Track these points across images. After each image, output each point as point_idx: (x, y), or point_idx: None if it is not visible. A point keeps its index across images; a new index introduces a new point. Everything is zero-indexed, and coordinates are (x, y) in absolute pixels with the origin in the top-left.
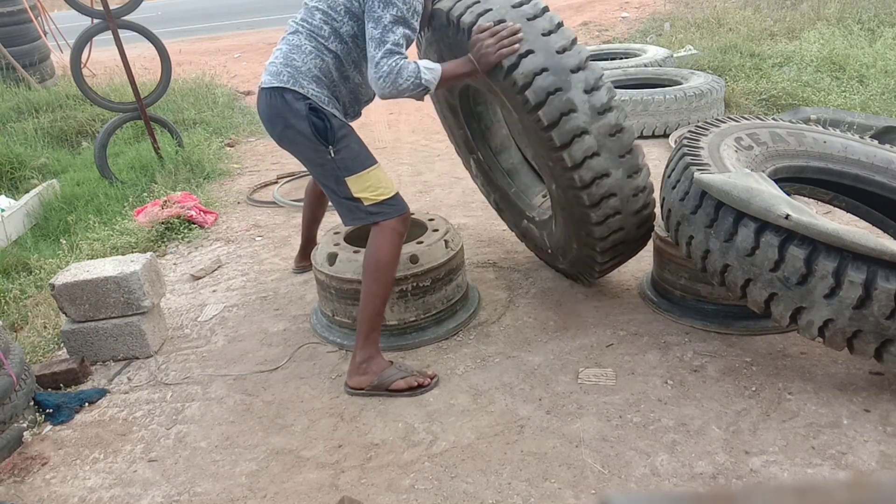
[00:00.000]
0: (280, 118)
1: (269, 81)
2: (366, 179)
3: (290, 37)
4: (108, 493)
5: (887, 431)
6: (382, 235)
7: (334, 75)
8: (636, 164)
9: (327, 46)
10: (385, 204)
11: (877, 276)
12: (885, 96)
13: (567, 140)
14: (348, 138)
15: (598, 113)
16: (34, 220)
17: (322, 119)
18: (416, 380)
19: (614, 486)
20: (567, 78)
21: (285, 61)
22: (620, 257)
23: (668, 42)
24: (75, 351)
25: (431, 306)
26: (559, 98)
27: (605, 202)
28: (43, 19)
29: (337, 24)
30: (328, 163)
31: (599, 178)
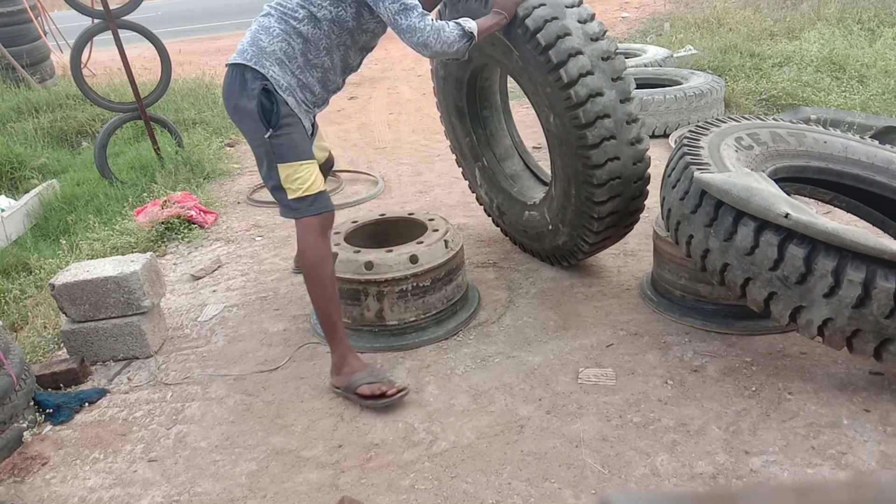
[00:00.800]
0: (236, 94)
1: (234, 58)
2: (295, 170)
3: (262, 19)
4: (108, 493)
5: (887, 431)
6: (302, 235)
7: (299, 60)
8: (628, 90)
9: (298, 30)
10: (306, 201)
11: (876, 275)
12: (885, 96)
13: (563, 58)
14: (291, 127)
15: (592, 39)
16: (34, 220)
17: (271, 102)
18: (380, 388)
19: (614, 486)
20: (562, 10)
21: (252, 40)
22: (617, 200)
23: (668, 42)
24: (75, 351)
25: (431, 306)
26: (555, 24)
27: (600, 122)
28: (43, 19)
29: (314, 7)
30: (265, 144)
31: (594, 95)
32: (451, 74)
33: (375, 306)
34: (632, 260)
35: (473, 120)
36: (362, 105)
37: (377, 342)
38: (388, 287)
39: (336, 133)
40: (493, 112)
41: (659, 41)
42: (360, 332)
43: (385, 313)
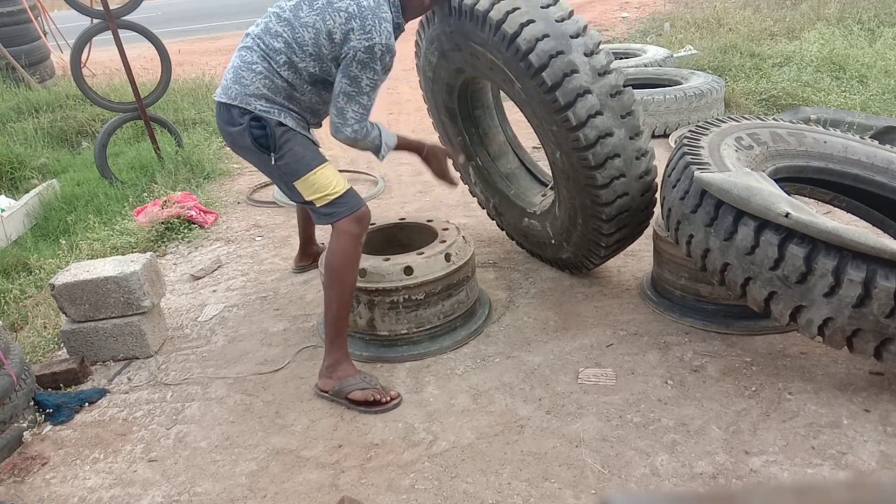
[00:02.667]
0: (227, 131)
1: (220, 95)
2: (312, 181)
3: (244, 52)
4: (108, 493)
5: (887, 431)
6: (336, 238)
7: (283, 94)
8: (637, 125)
9: (279, 72)
10: (335, 204)
11: (876, 274)
12: (885, 96)
13: (571, 99)
14: (291, 142)
15: (599, 74)
16: (34, 220)
17: (262, 127)
18: (373, 395)
19: (614, 486)
20: (567, 42)
21: (235, 78)
22: (625, 229)
23: (668, 42)
24: (75, 351)
25: (425, 321)
26: (561, 60)
27: (610, 162)
28: (43, 19)
29: (296, 58)
30: (275, 169)
31: (603, 137)
32: (441, 79)
33: (367, 314)
34: (632, 260)
35: (465, 120)
36: None
37: (367, 350)
38: (378, 297)
39: None
40: (486, 110)
41: (659, 41)
42: (352, 338)
43: (376, 323)
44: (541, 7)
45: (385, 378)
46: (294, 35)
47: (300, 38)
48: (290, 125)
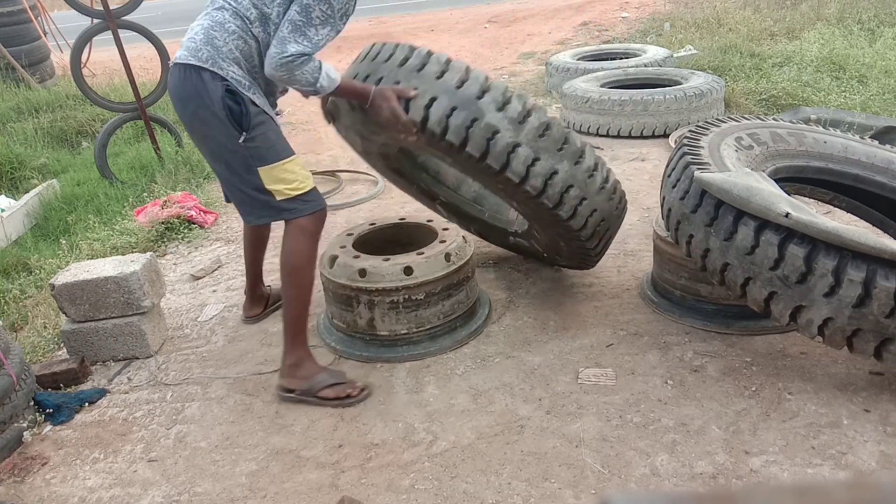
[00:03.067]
0: (194, 98)
1: (186, 57)
2: (280, 171)
3: (215, 12)
4: (108, 493)
5: (887, 431)
6: (294, 237)
7: (255, 60)
8: (576, 149)
9: (251, 31)
10: (299, 199)
11: (876, 274)
12: (885, 96)
13: (504, 160)
14: (264, 126)
15: (520, 122)
16: (34, 220)
17: (239, 103)
18: (343, 390)
19: (614, 486)
20: (476, 106)
21: (206, 38)
22: (608, 233)
23: (668, 42)
24: (75, 351)
25: (425, 321)
26: (478, 127)
27: (566, 196)
28: (43, 19)
29: (267, 8)
30: (240, 149)
31: (549, 178)
32: (372, 152)
33: (367, 315)
34: (632, 260)
35: (412, 169)
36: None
37: (367, 350)
38: (378, 297)
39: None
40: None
41: (659, 41)
42: (352, 338)
43: (376, 323)
44: (436, 79)
45: (385, 378)
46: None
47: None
48: (262, 107)
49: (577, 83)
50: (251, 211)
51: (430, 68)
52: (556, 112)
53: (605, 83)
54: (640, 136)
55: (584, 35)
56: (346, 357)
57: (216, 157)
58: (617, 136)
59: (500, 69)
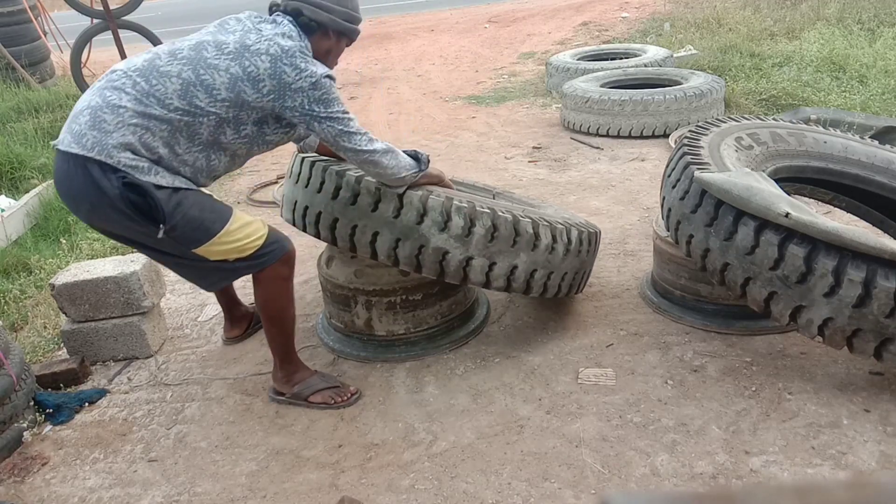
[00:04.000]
0: (85, 197)
1: (69, 143)
2: (219, 244)
3: (109, 92)
4: (108, 493)
5: (887, 431)
6: (265, 286)
7: (158, 151)
8: (530, 237)
9: (167, 118)
10: (256, 256)
11: (876, 274)
12: (885, 96)
13: (461, 275)
14: (182, 206)
15: (466, 237)
16: (34, 220)
17: (142, 195)
18: (332, 396)
19: (614, 486)
20: (418, 233)
21: (92, 121)
22: (585, 274)
23: (668, 42)
24: (75, 351)
25: (423, 321)
26: (426, 253)
27: (532, 281)
28: (43, 19)
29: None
30: (164, 241)
31: (511, 274)
32: None
33: (364, 315)
34: (632, 260)
35: None
36: (362, 105)
37: (365, 351)
38: (375, 297)
39: None
40: None
41: (659, 41)
42: (350, 338)
43: (374, 323)
44: (372, 211)
45: (385, 378)
46: (199, 76)
47: (209, 80)
48: (170, 185)
49: (577, 83)
50: (204, 280)
51: (363, 200)
52: (557, 112)
53: (605, 83)
54: (640, 136)
55: (584, 35)
56: (345, 357)
57: (138, 245)
58: (617, 136)
59: (500, 69)
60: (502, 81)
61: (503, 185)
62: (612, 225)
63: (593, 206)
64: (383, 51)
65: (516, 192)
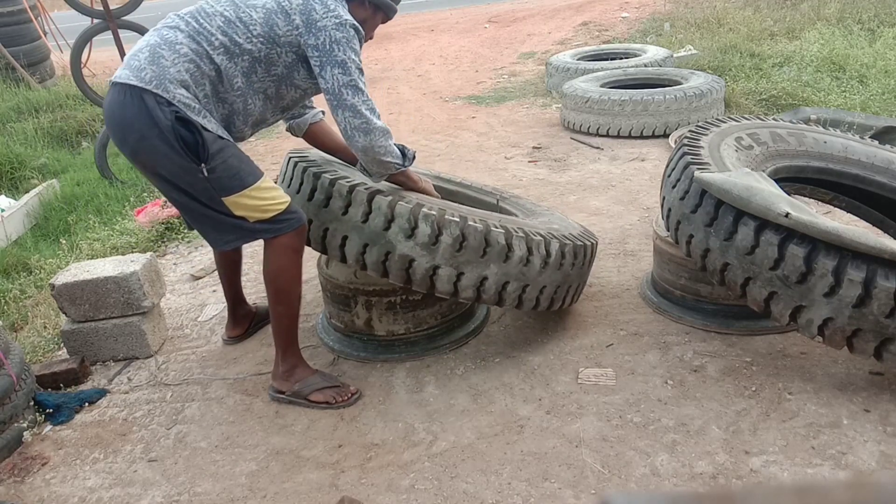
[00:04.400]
0: (136, 126)
1: (127, 77)
2: (248, 198)
3: (166, 31)
4: (108, 493)
5: (887, 431)
6: (277, 255)
7: (207, 88)
8: (501, 247)
9: (211, 56)
10: (275, 220)
11: (876, 274)
12: (885, 96)
13: (427, 284)
14: (224, 152)
15: (432, 245)
16: (34, 220)
17: (192, 131)
18: (333, 395)
19: (614, 486)
20: (385, 239)
21: (151, 57)
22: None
23: (668, 42)
24: (75, 351)
25: (423, 321)
26: (392, 260)
27: (505, 293)
28: (43, 19)
29: (240, 38)
30: (199, 182)
31: (480, 285)
32: None
33: (364, 315)
34: (632, 260)
35: None
36: None
37: (365, 351)
38: (375, 297)
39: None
40: None
41: (659, 41)
42: (350, 338)
43: (374, 323)
44: (342, 215)
45: (385, 378)
46: (238, 13)
47: (246, 17)
48: (215, 131)
49: (577, 83)
50: (220, 236)
51: (335, 203)
52: (557, 112)
53: (605, 83)
54: (640, 136)
55: (584, 35)
56: (345, 357)
57: (171, 186)
58: (617, 136)
59: (500, 69)
60: (502, 81)
61: (503, 186)
62: (612, 225)
63: (593, 206)
64: (383, 51)
65: (521, 197)
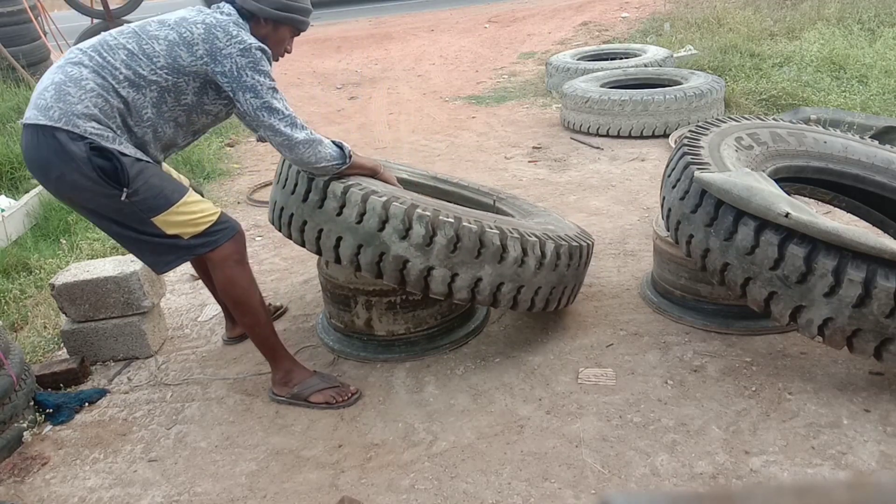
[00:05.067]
0: (54, 164)
1: (35, 117)
2: (177, 214)
3: (69, 67)
4: (108, 493)
5: (887, 431)
6: (221, 269)
7: (118, 121)
8: (496, 248)
9: (117, 90)
10: (209, 233)
11: (876, 274)
12: (885, 96)
13: (422, 285)
14: (144, 173)
15: (427, 246)
16: (34, 220)
17: (109, 158)
18: (333, 395)
19: (614, 486)
20: (379, 240)
21: (57, 95)
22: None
23: (668, 42)
24: (75, 351)
25: (423, 321)
26: (387, 261)
27: (499, 294)
28: (43, 19)
29: (144, 70)
30: (125, 207)
31: (475, 286)
32: None
33: (364, 315)
34: (632, 260)
35: None
36: (362, 105)
37: (365, 351)
38: (375, 297)
39: (336, 133)
40: None
41: (659, 41)
42: (350, 338)
43: (374, 323)
44: (337, 216)
45: (384, 378)
46: (141, 46)
47: (149, 49)
48: (133, 155)
49: (577, 83)
50: (158, 258)
51: (329, 204)
52: (557, 112)
53: (605, 83)
54: (640, 136)
55: (584, 35)
56: (345, 357)
57: (100, 217)
58: (617, 136)
59: (500, 69)
60: (502, 81)
61: (503, 185)
62: (612, 225)
63: (593, 206)
64: (383, 51)
65: (518, 198)
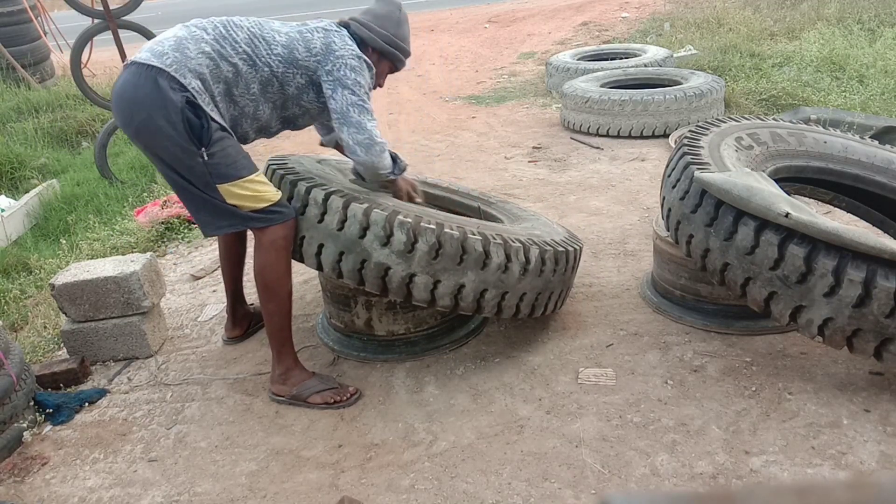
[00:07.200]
0: (145, 106)
1: (147, 58)
2: (241, 188)
3: (194, 29)
4: (108, 493)
5: (887, 431)
6: (266, 250)
7: (221, 87)
8: (479, 255)
9: (232, 60)
10: (266, 211)
11: (876, 274)
12: (885, 96)
13: (404, 292)
14: (224, 141)
15: (408, 253)
16: (34, 220)
17: (199, 116)
18: (332, 396)
19: (614, 486)
20: (360, 247)
21: (176, 45)
22: (554, 294)
23: (668, 42)
24: (75, 351)
25: (423, 321)
26: (368, 268)
27: (483, 300)
28: (43, 19)
29: (262, 52)
30: (197, 166)
31: (458, 293)
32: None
33: (364, 315)
34: (632, 260)
35: None
36: None
37: (365, 351)
38: (375, 297)
39: None
40: None
41: (659, 41)
42: (350, 338)
43: (374, 323)
44: (318, 223)
45: (384, 378)
46: (263, 32)
47: (270, 37)
48: (219, 122)
49: (577, 83)
50: (214, 220)
51: (311, 211)
52: (557, 112)
53: (605, 83)
54: (640, 136)
55: (584, 35)
56: (345, 357)
57: (169, 168)
58: (617, 136)
59: (500, 69)
60: (502, 81)
61: (503, 186)
62: (612, 225)
63: (593, 206)
64: None
65: (507, 202)
